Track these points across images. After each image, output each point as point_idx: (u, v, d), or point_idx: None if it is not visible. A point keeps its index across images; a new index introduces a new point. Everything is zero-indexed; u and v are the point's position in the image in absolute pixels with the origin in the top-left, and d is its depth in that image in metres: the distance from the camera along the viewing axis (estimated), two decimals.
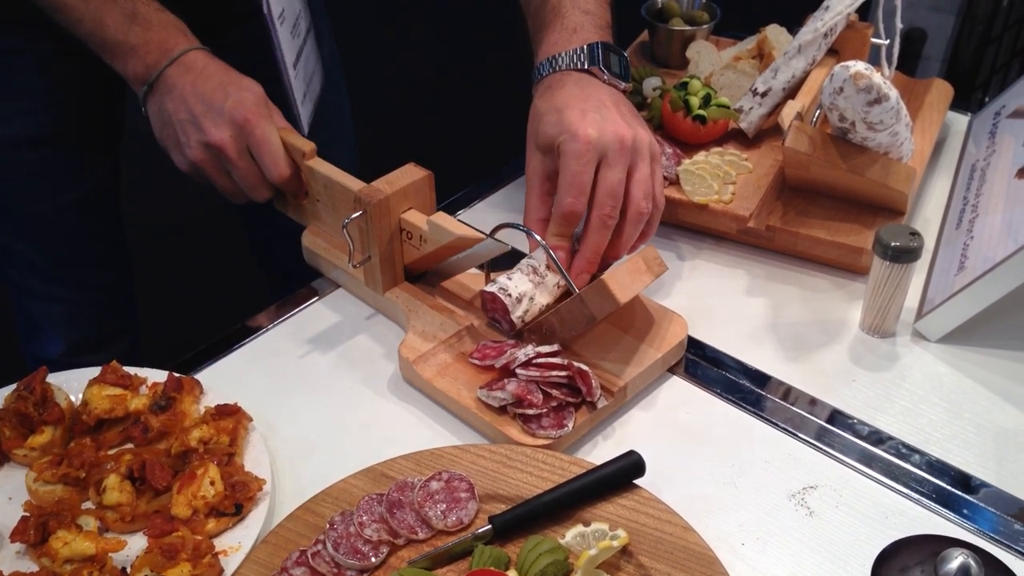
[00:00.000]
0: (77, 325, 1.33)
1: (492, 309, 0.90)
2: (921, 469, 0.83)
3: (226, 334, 0.96)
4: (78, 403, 0.87)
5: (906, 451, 0.85)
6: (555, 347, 0.87)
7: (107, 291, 1.36)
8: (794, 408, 0.89)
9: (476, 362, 0.87)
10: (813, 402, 0.90)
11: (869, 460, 0.84)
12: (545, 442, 0.82)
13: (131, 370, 0.89)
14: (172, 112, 0.95)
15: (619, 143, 0.87)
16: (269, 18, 0.99)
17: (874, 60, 1.17)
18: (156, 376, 0.89)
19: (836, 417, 0.88)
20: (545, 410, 0.83)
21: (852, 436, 0.86)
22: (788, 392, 0.91)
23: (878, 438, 0.86)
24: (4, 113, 1.17)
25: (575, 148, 0.87)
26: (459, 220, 0.91)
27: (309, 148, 0.95)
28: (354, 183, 0.92)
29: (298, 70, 1.07)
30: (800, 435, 0.86)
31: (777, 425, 0.87)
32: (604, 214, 0.87)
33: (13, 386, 0.87)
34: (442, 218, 0.89)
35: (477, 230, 0.90)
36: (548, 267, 0.90)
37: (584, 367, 0.84)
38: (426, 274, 0.98)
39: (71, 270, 1.31)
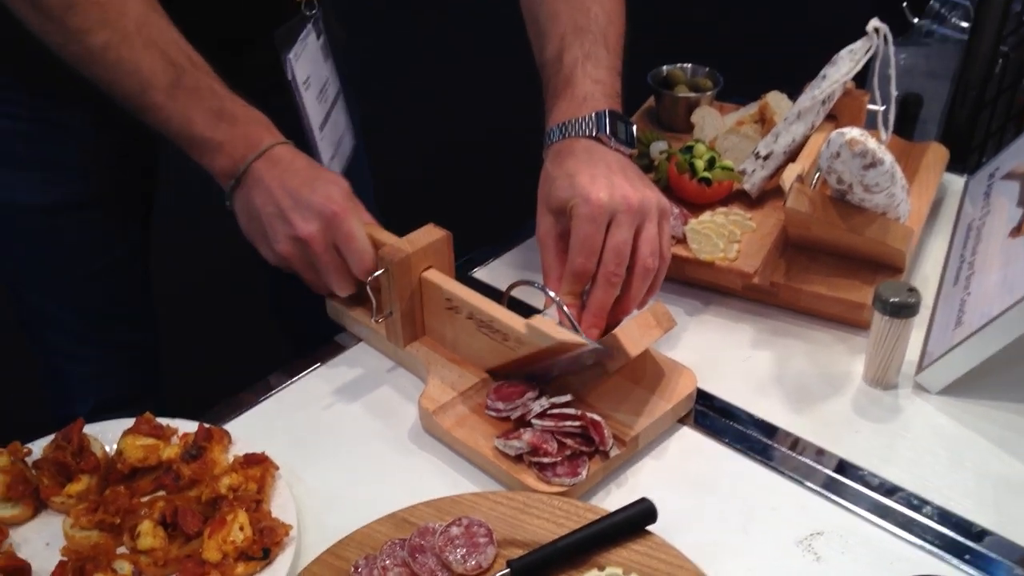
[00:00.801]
0: (105, 385, 1.37)
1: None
2: (924, 516, 0.86)
3: (253, 386, 1.00)
4: (113, 453, 0.90)
5: (909, 499, 0.88)
6: (569, 398, 0.90)
7: (135, 351, 1.40)
8: (801, 458, 0.92)
9: (492, 414, 0.91)
10: (820, 452, 0.93)
11: (874, 507, 0.87)
12: (560, 489, 0.85)
13: (163, 421, 0.93)
14: (260, 206, 0.95)
15: (627, 205, 0.92)
16: (294, 83, 1.05)
17: (871, 125, 1.22)
18: (187, 427, 0.93)
19: (842, 466, 0.91)
20: (560, 459, 0.87)
21: (857, 484, 0.89)
22: (796, 443, 0.94)
23: (882, 487, 0.89)
24: (45, 182, 1.21)
25: (587, 211, 0.92)
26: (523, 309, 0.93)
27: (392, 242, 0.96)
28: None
29: (325, 132, 1.12)
30: (807, 483, 0.89)
31: (784, 474, 0.91)
32: (609, 271, 0.92)
33: (52, 436, 0.91)
34: (541, 321, 0.89)
35: (576, 332, 0.90)
36: (561, 324, 0.94)
37: (597, 417, 0.88)
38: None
39: (102, 331, 1.35)
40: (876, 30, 1.16)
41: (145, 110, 0.96)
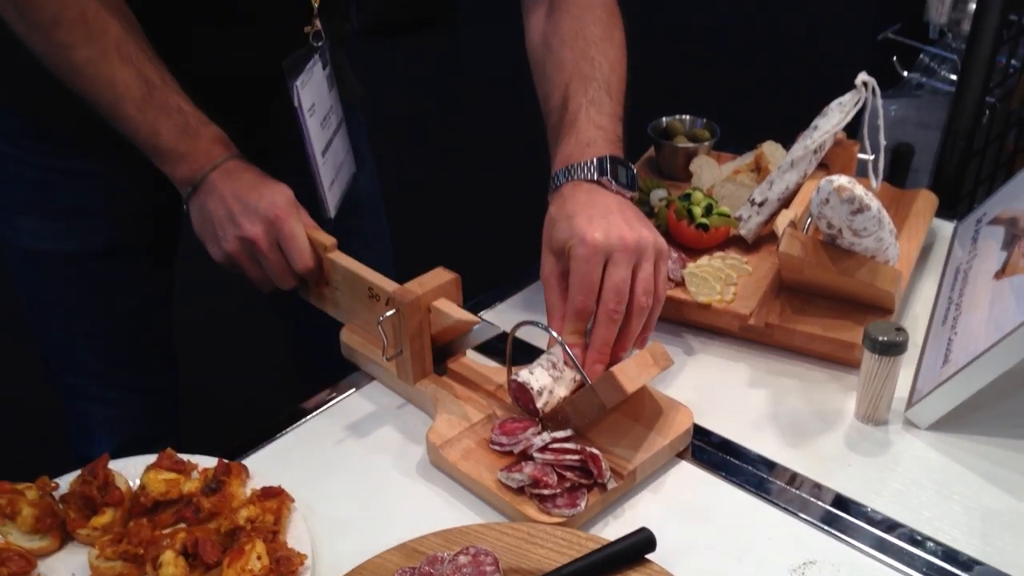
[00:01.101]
0: (126, 427, 1.41)
1: (519, 398, 0.98)
2: (914, 546, 0.89)
3: (270, 423, 1.05)
4: (136, 487, 0.95)
5: (899, 530, 0.91)
6: (569, 433, 0.95)
7: (155, 394, 1.44)
8: (793, 490, 0.96)
9: (503, 439, 0.95)
10: (814, 485, 0.96)
11: (864, 537, 0.90)
12: (560, 520, 0.89)
13: (184, 456, 0.97)
14: (212, 210, 1.05)
15: (623, 245, 0.97)
16: (299, 109, 1.11)
17: (863, 173, 1.28)
18: (207, 462, 0.97)
19: (834, 498, 0.95)
20: (559, 490, 0.90)
21: (849, 516, 0.93)
22: (794, 477, 0.98)
23: (873, 518, 0.92)
24: (71, 229, 1.27)
25: (584, 251, 0.96)
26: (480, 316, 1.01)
27: (331, 242, 1.06)
28: (368, 273, 1.04)
29: (326, 158, 1.18)
30: (800, 515, 0.93)
31: (778, 505, 0.94)
32: (610, 309, 0.96)
33: (78, 472, 0.95)
34: (444, 303, 1.00)
35: (470, 315, 1.01)
36: (565, 362, 0.98)
37: (595, 451, 0.92)
38: (445, 368, 1.06)
39: (123, 374, 1.39)
40: (864, 83, 1.22)
41: (117, 120, 1.05)
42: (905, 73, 1.74)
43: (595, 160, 1.04)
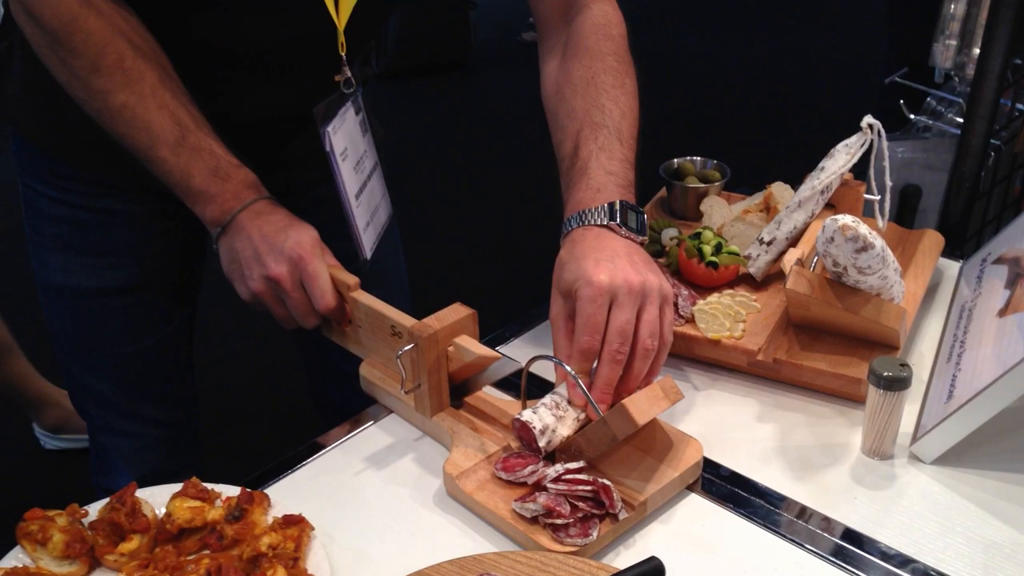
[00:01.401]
0: (146, 460, 1.44)
1: (522, 436, 1.01)
2: None
3: (292, 454, 1.08)
4: (162, 514, 0.98)
5: (903, 561, 0.93)
6: (581, 464, 0.97)
7: (175, 428, 1.47)
8: (800, 522, 0.98)
9: (502, 475, 0.98)
10: (822, 518, 0.99)
11: (868, 568, 0.92)
12: (572, 549, 0.91)
13: (208, 485, 1.00)
14: (240, 250, 1.08)
15: (628, 288, 0.99)
16: (332, 154, 1.15)
17: (869, 213, 1.31)
18: (230, 491, 1.00)
19: (842, 532, 0.97)
20: (572, 520, 0.93)
21: (854, 547, 0.95)
22: (803, 511, 1.00)
23: (877, 550, 0.94)
24: (98, 267, 1.31)
25: (589, 293, 0.99)
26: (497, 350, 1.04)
27: (353, 282, 1.09)
28: (389, 311, 1.06)
29: (360, 200, 1.22)
30: (807, 546, 0.95)
31: (786, 537, 0.96)
32: (613, 350, 0.98)
33: (106, 500, 0.99)
34: (465, 340, 1.03)
35: (492, 351, 1.04)
36: (569, 403, 1.01)
37: (607, 482, 0.95)
38: (461, 401, 1.10)
39: (145, 408, 1.43)
40: (870, 126, 1.25)
41: (151, 162, 1.08)
42: (912, 116, 1.78)
43: (605, 205, 1.06)
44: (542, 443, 0.98)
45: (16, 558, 0.94)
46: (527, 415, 0.99)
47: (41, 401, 2.49)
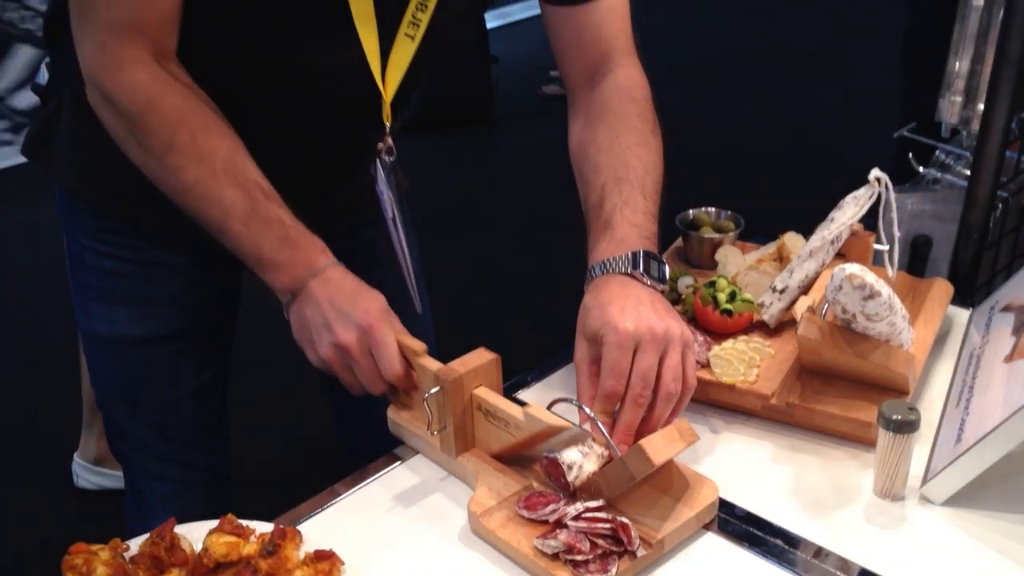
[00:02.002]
0: (182, 504, 1.47)
1: (550, 473, 1.06)
2: None
3: (322, 492, 1.13)
4: (199, 549, 1.02)
5: None
6: (601, 503, 1.01)
7: (211, 473, 1.50)
8: (815, 562, 1.02)
9: (524, 513, 1.02)
10: (837, 559, 1.01)
11: None
12: None
13: (243, 522, 1.05)
14: (309, 317, 1.10)
15: (651, 334, 1.03)
16: (393, 223, 1.21)
17: (880, 263, 1.35)
18: (263, 527, 1.05)
19: (856, 572, 1.00)
20: (592, 557, 0.97)
21: None
22: (819, 551, 1.03)
23: None
24: (141, 316, 1.36)
25: (615, 339, 1.03)
26: (531, 405, 1.05)
27: (421, 348, 1.09)
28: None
29: (411, 260, 1.27)
30: None
31: (799, 573, 1.00)
32: (636, 394, 1.03)
33: (146, 535, 1.03)
34: (536, 409, 1.04)
35: (561, 417, 1.04)
36: (593, 440, 1.05)
37: (625, 520, 0.99)
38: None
39: (182, 453, 1.46)
40: (877, 179, 1.30)
41: (223, 234, 1.12)
42: (921, 169, 1.83)
43: (629, 254, 1.10)
44: (571, 478, 1.02)
45: None
46: (555, 452, 1.03)
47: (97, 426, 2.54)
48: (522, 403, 1.08)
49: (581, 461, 1.03)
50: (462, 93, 4.95)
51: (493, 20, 6.33)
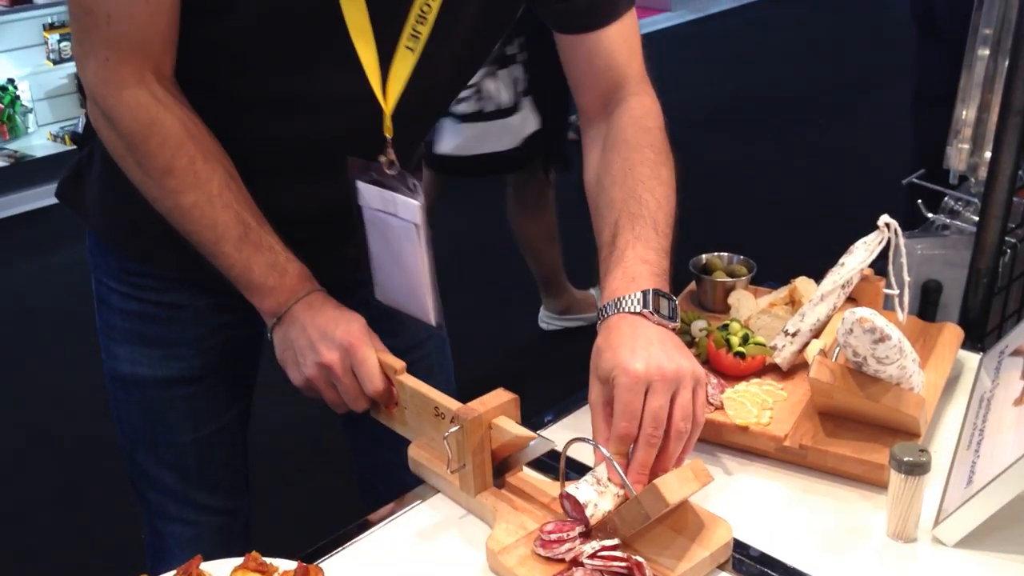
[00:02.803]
0: (200, 546, 1.47)
1: (570, 508, 1.08)
2: None
3: (345, 530, 1.15)
4: None
5: None
6: (616, 542, 1.03)
7: (229, 516, 1.52)
8: None
9: (541, 551, 1.04)
10: None
11: None
12: None
13: (267, 559, 1.07)
14: (294, 339, 1.16)
15: (661, 375, 1.05)
16: (418, 228, 1.21)
17: (890, 307, 1.37)
18: (287, 565, 1.06)
19: None
20: None
21: None
22: None
23: None
24: (163, 358, 1.38)
25: (626, 381, 1.05)
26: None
27: (400, 366, 1.16)
28: (434, 393, 1.14)
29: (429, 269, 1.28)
30: None
31: None
32: (648, 434, 1.04)
33: (173, 572, 1.06)
34: (504, 421, 1.10)
35: (528, 431, 1.11)
36: (609, 478, 1.07)
37: (640, 559, 1.00)
38: (503, 481, 1.15)
39: (201, 495, 1.47)
40: (887, 225, 1.33)
41: (215, 256, 1.17)
42: (930, 215, 1.85)
43: (639, 294, 1.12)
44: (588, 513, 1.04)
45: None
46: (572, 489, 1.05)
47: (560, 288, 3.43)
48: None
49: (596, 499, 1.05)
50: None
51: None
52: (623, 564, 1.00)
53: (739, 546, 1.10)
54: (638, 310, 1.12)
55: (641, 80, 1.31)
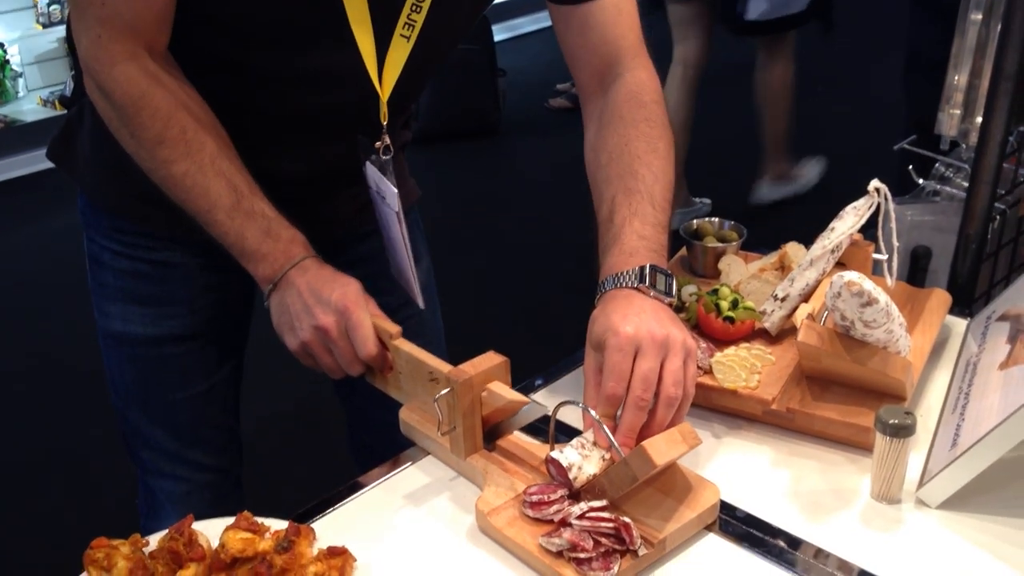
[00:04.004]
0: (192, 503, 1.51)
1: (554, 471, 1.09)
2: None
3: (335, 491, 1.16)
4: (216, 545, 1.06)
5: None
6: (604, 503, 1.04)
7: (221, 474, 1.54)
8: (814, 562, 1.04)
9: (529, 513, 1.05)
10: (836, 560, 1.04)
11: None
12: None
13: (259, 519, 1.08)
14: (290, 304, 1.16)
15: (651, 338, 1.06)
16: (399, 215, 1.25)
17: (879, 273, 1.38)
18: (278, 525, 1.08)
19: (856, 573, 1.03)
20: (595, 555, 1.00)
21: None
22: (818, 552, 1.06)
23: None
24: (154, 316, 1.40)
25: (615, 342, 1.06)
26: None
27: (395, 330, 1.16)
28: (428, 357, 1.14)
29: (411, 255, 1.31)
30: None
31: (798, 574, 1.03)
32: (637, 396, 1.05)
33: (165, 531, 1.07)
34: (497, 386, 1.11)
35: (522, 396, 1.11)
36: (595, 444, 1.08)
37: (627, 520, 1.02)
38: (494, 444, 1.17)
39: (193, 453, 1.50)
40: (876, 190, 1.34)
41: (209, 224, 1.17)
42: (921, 181, 1.86)
43: (636, 269, 1.13)
44: (572, 476, 1.05)
45: None
46: (556, 453, 1.06)
47: (783, 150, 3.95)
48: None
49: (580, 462, 1.06)
50: (469, 105, 5.00)
51: (500, 33, 6.38)
52: (611, 525, 1.01)
53: (726, 508, 1.11)
54: (634, 285, 1.13)
55: (637, 53, 1.31)
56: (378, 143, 1.27)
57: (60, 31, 4.97)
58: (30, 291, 3.75)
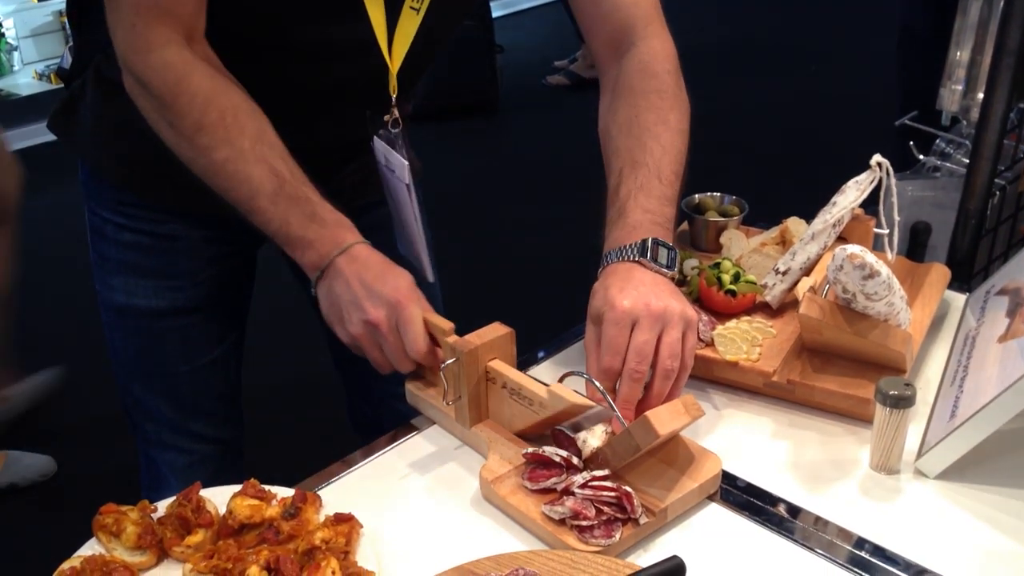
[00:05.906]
0: (194, 474, 1.51)
1: (561, 443, 1.10)
2: None
3: (342, 460, 1.17)
4: (224, 511, 1.07)
5: (918, 572, 1.00)
6: (607, 472, 1.06)
7: (222, 445, 1.55)
8: (813, 530, 1.06)
9: (528, 484, 1.06)
10: (834, 527, 1.06)
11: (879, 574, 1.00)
12: (596, 549, 0.99)
13: (266, 487, 1.09)
14: (340, 294, 1.11)
15: (648, 311, 1.06)
16: (409, 187, 1.24)
17: (880, 247, 1.39)
18: (285, 492, 1.09)
19: (853, 541, 1.04)
20: (596, 522, 1.01)
21: (865, 554, 1.02)
22: (817, 519, 1.07)
23: (889, 558, 1.01)
24: (158, 288, 1.40)
25: (612, 315, 1.07)
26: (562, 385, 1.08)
27: (448, 327, 1.11)
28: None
29: (422, 227, 1.31)
30: (818, 551, 1.03)
31: (799, 543, 1.04)
32: (632, 368, 1.06)
33: (173, 497, 1.08)
34: (559, 388, 1.06)
35: (583, 397, 1.07)
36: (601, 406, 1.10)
37: (629, 489, 1.03)
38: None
39: (195, 424, 1.51)
40: (879, 164, 1.34)
41: (252, 212, 1.14)
42: (921, 157, 1.86)
43: (638, 242, 1.14)
44: (579, 444, 1.06)
45: (92, 548, 1.03)
46: (565, 425, 1.07)
47: None
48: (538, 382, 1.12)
49: (585, 436, 1.08)
50: (467, 82, 4.98)
51: (499, 9, 6.35)
52: (613, 494, 1.03)
53: (727, 478, 1.13)
54: (636, 258, 1.13)
55: (652, 22, 1.29)
56: (387, 116, 1.27)
57: (55, 4, 4.93)
58: (27, 264, 3.74)
